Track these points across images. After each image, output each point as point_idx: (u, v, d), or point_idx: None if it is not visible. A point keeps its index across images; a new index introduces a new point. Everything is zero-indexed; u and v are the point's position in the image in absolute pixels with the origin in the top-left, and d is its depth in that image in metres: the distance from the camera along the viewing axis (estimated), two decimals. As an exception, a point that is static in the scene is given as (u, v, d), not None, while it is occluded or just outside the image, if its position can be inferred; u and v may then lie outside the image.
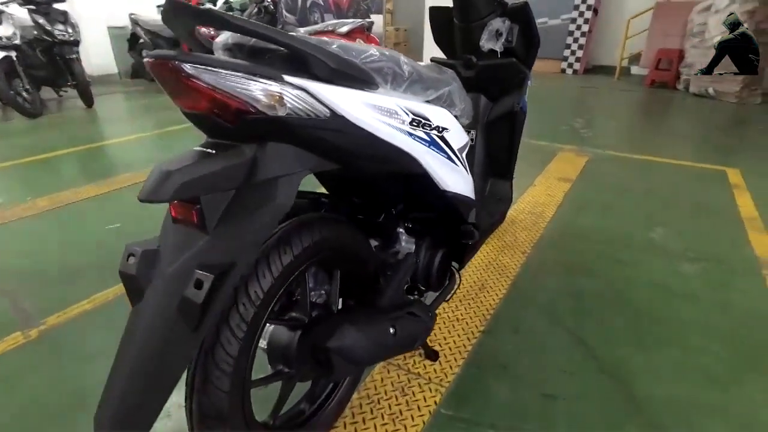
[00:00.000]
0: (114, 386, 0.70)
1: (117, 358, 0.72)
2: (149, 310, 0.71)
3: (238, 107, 0.72)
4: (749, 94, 5.64)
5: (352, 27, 4.23)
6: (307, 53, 0.78)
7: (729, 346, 1.55)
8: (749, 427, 1.25)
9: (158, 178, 0.68)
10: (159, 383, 0.71)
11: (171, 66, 0.70)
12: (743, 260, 2.07)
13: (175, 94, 0.75)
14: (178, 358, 0.72)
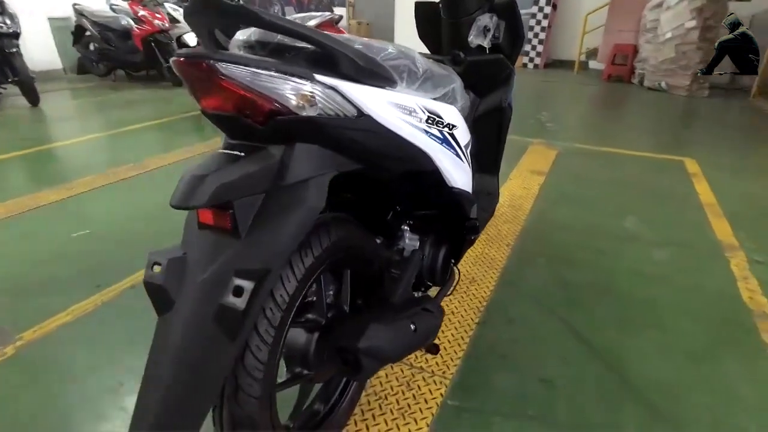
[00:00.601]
0: (150, 399, 0.68)
1: (150, 370, 0.70)
2: (182, 320, 0.69)
3: (270, 107, 0.71)
4: (698, 87, 6.00)
5: (320, 20, 4.20)
6: (339, 51, 0.77)
7: (704, 325, 1.67)
8: (729, 399, 1.35)
9: (191, 183, 0.66)
10: (199, 394, 0.69)
11: (206, 66, 0.68)
12: (707, 244, 2.22)
13: (204, 94, 0.73)
14: (217, 367, 0.70)
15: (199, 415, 0.69)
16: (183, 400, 0.68)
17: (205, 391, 0.69)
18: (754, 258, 2.07)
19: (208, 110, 0.75)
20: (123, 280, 1.88)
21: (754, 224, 2.42)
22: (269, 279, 0.72)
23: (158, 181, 2.97)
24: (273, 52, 0.82)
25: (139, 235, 2.26)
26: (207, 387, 0.69)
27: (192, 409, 0.68)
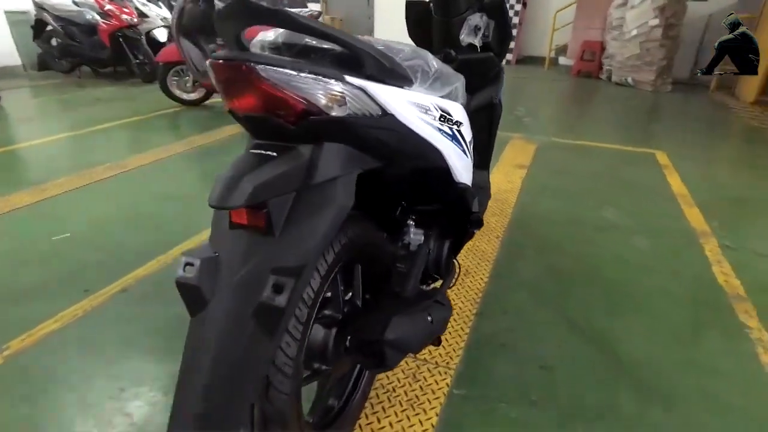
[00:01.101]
0: (189, 400, 0.68)
1: (186, 371, 0.70)
2: (218, 319, 0.70)
3: (303, 108, 0.72)
4: (662, 82, 6.26)
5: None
6: (366, 53, 0.79)
7: (685, 308, 1.76)
8: (713, 375, 1.44)
9: (227, 183, 0.66)
10: (240, 393, 0.69)
11: (245, 68, 0.68)
12: (683, 232, 2.34)
13: (239, 95, 0.73)
14: (257, 364, 0.71)
15: (240, 413, 0.70)
16: (224, 399, 0.68)
17: (245, 389, 0.70)
18: (725, 244, 2.20)
19: (239, 111, 0.75)
20: (112, 284, 1.83)
21: (723, 212, 2.56)
22: (305, 276, 0.73)
23: (137, 181, 2.89)
24: (299, 54, 0.82)
25: (122, 237, 2.20)
26: (247, 385, 0.70)
27: (234, 408, 0.69)
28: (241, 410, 0.70)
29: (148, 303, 1.73)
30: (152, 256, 2.02)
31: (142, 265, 1.96)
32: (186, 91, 4.85)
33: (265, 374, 0.73)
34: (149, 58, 5.73)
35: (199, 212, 2.46)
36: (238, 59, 0.69)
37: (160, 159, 3.25)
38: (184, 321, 1.63)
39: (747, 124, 4.63)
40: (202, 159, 3.37)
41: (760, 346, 1.55)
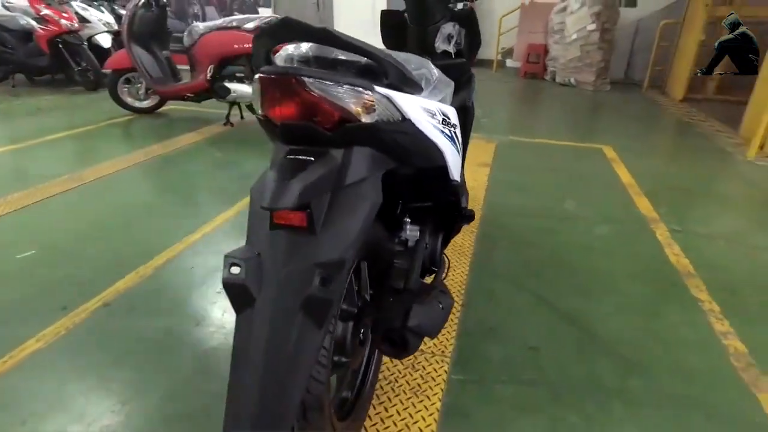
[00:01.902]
0: (244, 391, 0.71)
1: (239, 365, 0.73)
2: (267, 314, 0.73)
3: (341, 115, 0.77)
4: (601, 82, 6.72)
5: (258, 24, 4.12)
6: (391, 65, 0.85)
7: (646, 286, 1.95)
8: (677, 344, 1.62)
9: (277, 186, 0.71)
10: (294, 382, 0.73)
11: (295, 80, 0.73)
12: (635, 219, 2.56)
13: (283, 105, 0.77)
14: (308, 354, 0.75)
15: (295, 403, 0.74)
16: (279, 389, 0.72)
17: (298, 378, 0.74)
18: (673, 228, 2.44)
19: (280, 119, 0.80)
20: (91, 299, 1.77)
21: (668, 200, 2.83)
22: (345, 269, 0.78)
23: (99, 193, 2.77)
24: (328, 66, 0.88)
25: (93, 252, 2.11)
26: (300, 374, 0.74)
27: (289, 397, 0.73)
28: (295, 399, 0.74)
29: (133, 316, 1.70)
30: (131, 269, 1.97)
31: (121, 278, 1.90)
32: (138, 98, 4.67)
33: (314, 363, 0.78)
34: (93, 65, 5.46)
35: (171, 222, 2.41)
36: (289, 73, 0.74)
37: (121, 170, 3.13)
38: (171, 334, 1.62)
39: (678, 119, 5.08)
40: (165, 168, 3.28)
41: (712, 316, 1.75)
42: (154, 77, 4.44)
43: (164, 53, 4.62)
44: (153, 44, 4.50)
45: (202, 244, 2.20)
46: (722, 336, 1.65)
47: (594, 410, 1.34)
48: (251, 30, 4.06)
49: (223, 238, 2.27)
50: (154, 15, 4.42)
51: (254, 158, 3.53)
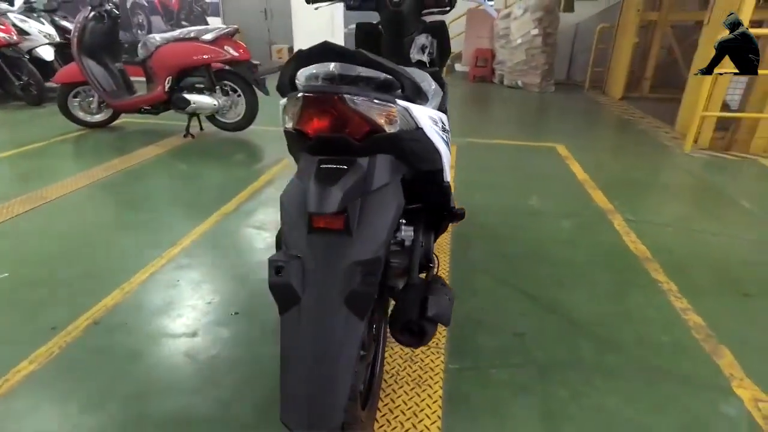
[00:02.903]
0: (297, 384, 0.78)
1: (290, 360, 0.79)
2: (313, 310, 0.81)
3: (370, 127, 0.85)
4: (546, 84, 7.13)
5: (217, 34, 4.09)
6: (408, 80, 0.93)
7: (611, 273, 2.14)
8: (644, 322, 1.80)
9: (319, 194, 0.79)
10: (344, 371, 0.80)
11: (338, 98, 0.80)
12: (594, 211, 2.78)
13: (323, 120, 0.84)
14: (353, 345, 0.82)
15: (346, 391, 0.80)
16: (331, 378, 0.79)
17: (346, 367, 0.81)
18: (627, 217, 2.67)
19: (315, 133, 0.86)
20: (80, 317, 1.73)
21: (620, 192, 3.08)
22: (381, 265, 0.86)
23: (65, 212, 2.67)
24: (351, 82, 0.94)
25: (71, 271, 2.05)
26: (347, 363, 0.81)
27: (341, 386, 0.80)
28: (346, 388, 0.81)
29: (125, 333, 1.67)
30: (114, 285, 1.93)
31: (108, 295, 1.86)
32: (90, 112, 4.49)
33: (359, 353, 0.85)
34: (35, 79, 5.18)
35: (147, 238, 2.37)
36: (331, 91, 0.81)
37: (83, 186, 3.02)
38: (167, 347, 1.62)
39: (619, 116, 5.50)
40: (130, 183, 3.19)
41: (671, 295, 1.96)
42: (107, 90, 4.29)
43: (117, 65, 4.47)
44: (105, 56, 4.35)
45: (183, 257, 2.18)
46: (682, 312, 1.85)
47: (579, 385, 1.48)
48: (210, 41, 4.02)
49: (204, 250, 2.26)
50: (105, 27, 4.27)
51: (221, 169, 3.50)
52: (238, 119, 4.32)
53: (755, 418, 1.38)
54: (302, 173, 0.92)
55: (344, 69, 0.97)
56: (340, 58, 0.88)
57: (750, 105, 3.99)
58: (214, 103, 4.12)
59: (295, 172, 0.98)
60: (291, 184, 0.95)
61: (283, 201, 0.92)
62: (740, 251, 2.36)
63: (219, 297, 1.90)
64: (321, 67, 0.97)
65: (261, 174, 3.32)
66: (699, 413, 1.40)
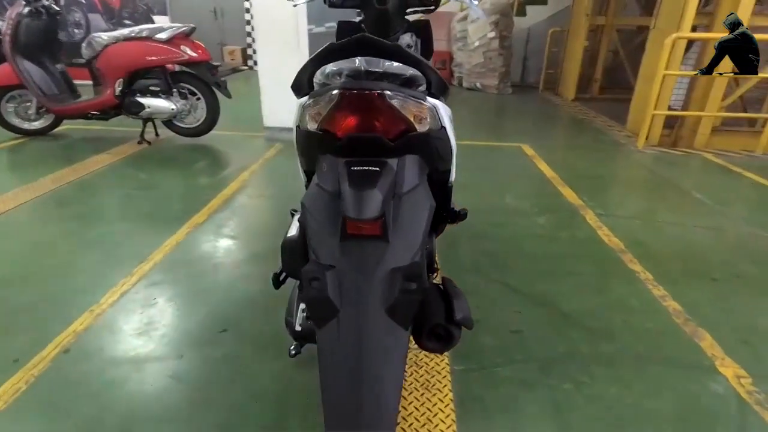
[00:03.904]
0: (345, 400, 0.72)
1: (332, 375, 0.74)
2: (353, 323, 0.75)
3: (404, 126, 0.81)
4: (504, 86, 7.34)
5: (173, 33, 3.89)
6: (437, 76, 0.90)
7: (591, 265, 2.22)
8: (629, 310, 1.87)
9: (359, 199, 0.74)
10: (393, 386, 0.75)
11: (377, 95, 0.75)
12: (566, 207, 2.88)
13: (359, 119, 0.79)
14: (399, 355, 0.77)
15: (395, 405, 0.76)
16: (378, 392, 0.74)
17: (394, 381, 0.76)
18: (598, 212, 2.78)
19: (347, 133, 0.81)
20: (46, 346, 1.57)
21: (587, 188, 3.21)
22: (420, 270, 0.82)
23: (11, 230, 2.43)
24: (379, 78, 0.89)
25: (27, 297, 1.86)
26: (394, 377, 0.76)
27: (389, 399, 0.75)
28: (395, 401, 0.76)
29: (102, 359, 1.53)
30: (82, 309, 1.77)
31: (76, 319, 1.70)
32: (28, 119, 4.14)
33: (405, 363, 0.80)
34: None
35: (114, 253, 2.20)
36: (371, 88, 0.76)
37: (29, 201, 2.76)
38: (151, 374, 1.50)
39: (575, 116, 5.75)
40: (83, 196, 2.95)
41: (648, 284, 2.05)
42: (47, 94, 3.97)
43: (58, 66, 4.15)
44: (43, 57, 4.03)
45: (157, 273, 2.04)
46: (661, 299, 1.94)
47: (580, 376, 1.51)
48: (165, 40, 3.81)
49: (179, 264, 2.13)
50: (43, 24, 3.95)
51: (184, 178, 3.32)
52: (198, 124, 4.12)
53: (740, 393, 1.47)
54: (326, 177, 0.87)
55: (370, 64, 0.93)
56: (378, 52, 0.83)
57: (692, 104, 4.29)
58: (172, 107, 3.91)
59: (315, 175, 0.92)
60: (313, 188, 0.89)
61: (307, 207, 0.86)
62: (701, 239, 2.51)
63: (203, 314, 1.78)
64: (346, 63, 0.92)
65: (229, 181, 3.18)
66: (691, 393, 1.46)
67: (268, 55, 4.06)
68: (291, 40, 3.94)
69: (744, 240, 2.52)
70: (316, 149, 0.91)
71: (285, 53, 4.00)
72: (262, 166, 3.56)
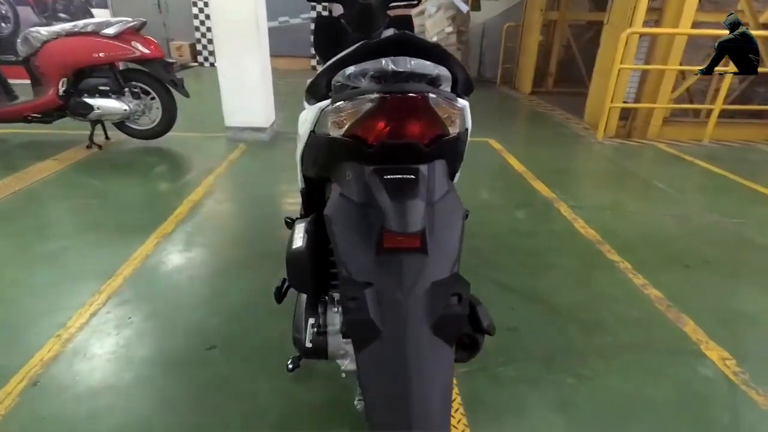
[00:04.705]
0: (393, 423, 0.67)
1: (379, 401, 0.69)
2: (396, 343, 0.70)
3: (441, 129, 0.76)
4: (462, 80, 7.42)
5: (121, 28, 3.63)
6: (466, 75, 0.85)
7: (573, 257, 2.27)
8: (613, 300, 1.92)
9: (402, 211, 0.69)
10: (443, 405, 0.71)
11: (421, 98, 0.69)
12: (541, 201, 2.94)
13: (399, 123, 0.73)
14: (449, 377, 0.73)
15: (446, 425, 0.71)
16: (429, 413, 0.69)
17: (444, 400, 0.71)
18: (571, 204, 2.86)
19: (378, 139, 0.74)
20: (10, 380, 1.40)
21: (557, 181, 3.29)
22: (462, 282, 0.77)
23: (-47, 248, 2.17)
24: (406, 79, 0.83)
25: (-16, 322, 1.67)
26: (444, 396, 0.72)
27: (441, 418, 0.70)
28: (446, 420, 0.72)
29: (77, 390, 1.39)
30: (48, 333, 1.61)
31: (41, 347, 1.54)
32: (-44, 123, 3.73)
33: (452, 380, 0.76)
34: None
35: (75, 271, 2.02)
36: (415, 91, 0.70)
37: (-29, 215, 2.49)
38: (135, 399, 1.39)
39: (534, 110, 5.91)
40: (31, 207, 2.69)
41: (629, 273, 2.12)
42: (-21, 96, 3.60)
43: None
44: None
45: (128, 289, 1.89)
46: (642, 287, 2.01)
47: (580, 369, 1.54)
48: (113, 35, 3.55)
49: (152, 279, 1.98)
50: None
51: (144, 184, 3.12)
52: (153, 125, 3.87)
53: (727, 374, 1.54)
54: (351, 186, 0.81)
55: (397, 64, 0.87)
56: (419, 52, 0.77)
57: (644, 97, 4.51)
58: (124, 108, 3.64)
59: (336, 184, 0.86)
60: (337, 199, 0.83)
61: (332, 219, 0.80)
62: (668, 227, 2.64)
63: (186, 331, 1.66)
64: (371, 63, 0.86)
65: (195, 186, 3.01)
66: (684, 379, 1.52)
67: (227, 52, 3.87)
68: (252, 35, 3.77)
69: (706, 226, 2.67)
70: (337, 157, 0.85)
71: (246, 49, 3.83)
72: (228, 168, 3.40)
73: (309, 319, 1.08)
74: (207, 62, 9.30)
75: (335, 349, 1.05)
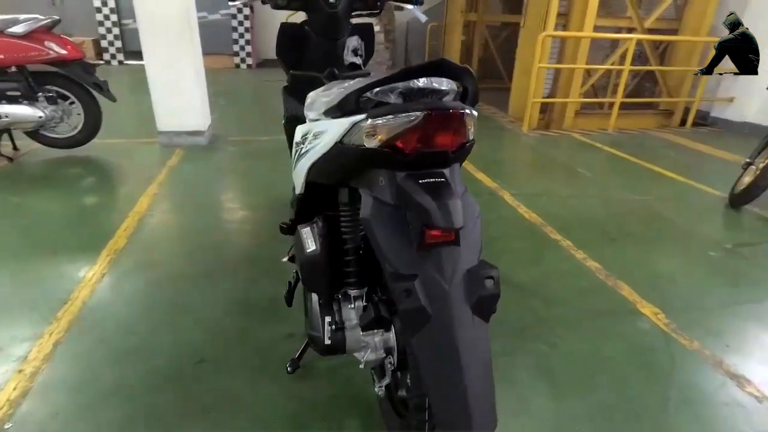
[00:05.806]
0: (453, 398, 0.80)
1: (437, 378, 0.81)
2: (446, 325, 0.81)
3: (465, 137, 0.87)
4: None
5: (31, 27, 3.31)
6: (475, 87, 0.95)
7: (522, 241, 2.51)
8: (563, 275, 2.17)
9: (443, 212, 0.81)
10: (489, 374, 0.83)
11: (460, 113, 0.80)
12: (486, 191, 3.18)
13: (437, 136, 0.82)
14: (487, 349, 0.85)
15: (494, 394, 0.83)
16: (484, 388, 0.81)
17: (488, 369, 0.83)
18: (512, 192, 3.13)
19: (418, 148, 0.84)
20: (-16, 421, 1.29)
21: (495, 171, 3.56)
22: (490, 267, 0.89)
23: None
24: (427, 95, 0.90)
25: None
26: (490, 366, 0.84)
27: (491, 389, 0.82)
28: (492, 386, 0.83)
29: (55, 428, 1.31)
30: (10, 368, 1.48)
31: (4, 386, 1.41)
32: None
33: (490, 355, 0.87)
34: None
35: (27, 296, 1.86)
36: (457, 108, 0.81)
37: None
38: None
39: (460, 105, 6.25)
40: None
41: (571, 250, 2.40)
42: None
43: None
44: None
45: (91, 313, 1.77)
46: (583, 261, 2.29)
47: (550, 337, 1.74)
48: (21, 35, 3.21)
49: (114, 299, 1.88)
50: None
51: (74, 198, 2.88)
52: (74, 132, 3.56)
53: (660, 326, 1.84)
54: (384, 190, 0.89)
55: (428, 83, 0.95)
56: (453, 74, 0.88)
57: (558, 92, 5.00)
58: (39, 115, 3.31)
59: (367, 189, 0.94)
60: (371, 203, 0.91)
61: (371, 222, 0.89)
62: (594, 207, 3.00)
63: (170, 347, 1.62)
64: (406, 84, 0.93)
65: (138, 197, 2.84)
66: (630, 334, 1.79)
67: (157, 50, 3.62)
68: (184, 32, 3.58)
69: (623, 203, 3.07)
70: (368, 164, 0.92)
71: (177, 46, 3.62)
72: (170, 176, 3.24)
73: (325, 317, 1.14)
74: (115, 60, 8.59)
75: (354, 343, 1.12)
